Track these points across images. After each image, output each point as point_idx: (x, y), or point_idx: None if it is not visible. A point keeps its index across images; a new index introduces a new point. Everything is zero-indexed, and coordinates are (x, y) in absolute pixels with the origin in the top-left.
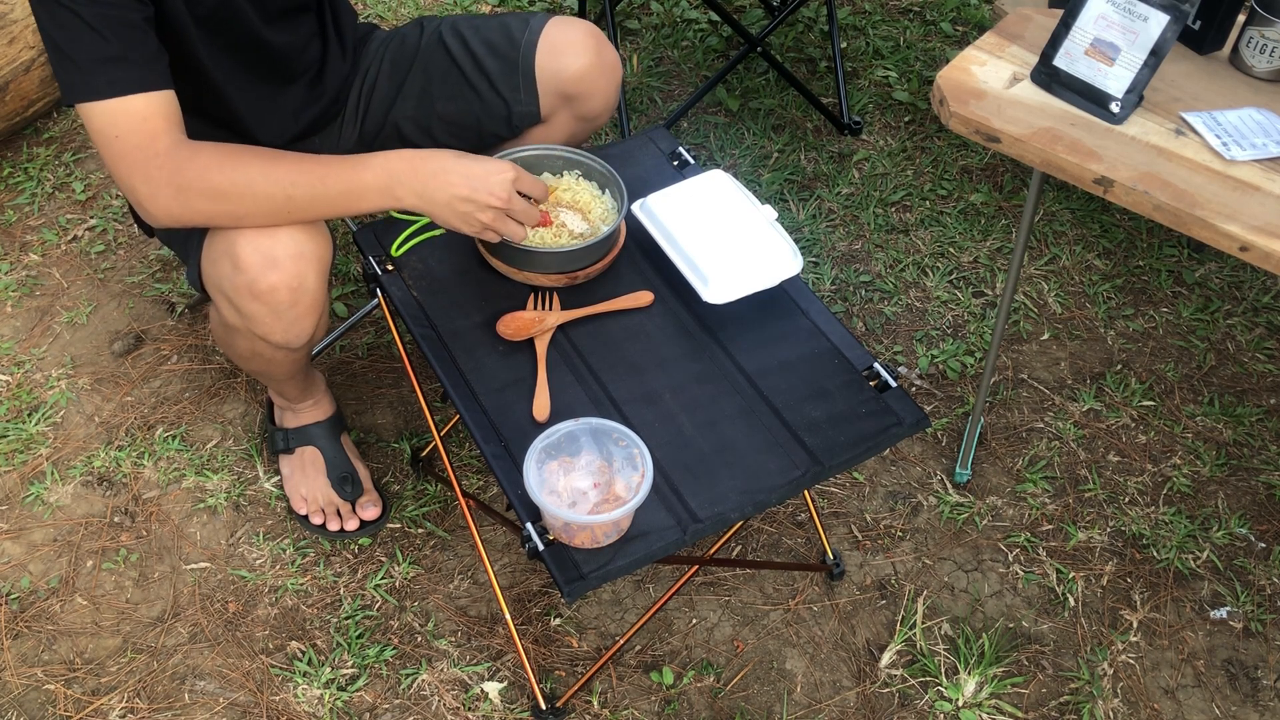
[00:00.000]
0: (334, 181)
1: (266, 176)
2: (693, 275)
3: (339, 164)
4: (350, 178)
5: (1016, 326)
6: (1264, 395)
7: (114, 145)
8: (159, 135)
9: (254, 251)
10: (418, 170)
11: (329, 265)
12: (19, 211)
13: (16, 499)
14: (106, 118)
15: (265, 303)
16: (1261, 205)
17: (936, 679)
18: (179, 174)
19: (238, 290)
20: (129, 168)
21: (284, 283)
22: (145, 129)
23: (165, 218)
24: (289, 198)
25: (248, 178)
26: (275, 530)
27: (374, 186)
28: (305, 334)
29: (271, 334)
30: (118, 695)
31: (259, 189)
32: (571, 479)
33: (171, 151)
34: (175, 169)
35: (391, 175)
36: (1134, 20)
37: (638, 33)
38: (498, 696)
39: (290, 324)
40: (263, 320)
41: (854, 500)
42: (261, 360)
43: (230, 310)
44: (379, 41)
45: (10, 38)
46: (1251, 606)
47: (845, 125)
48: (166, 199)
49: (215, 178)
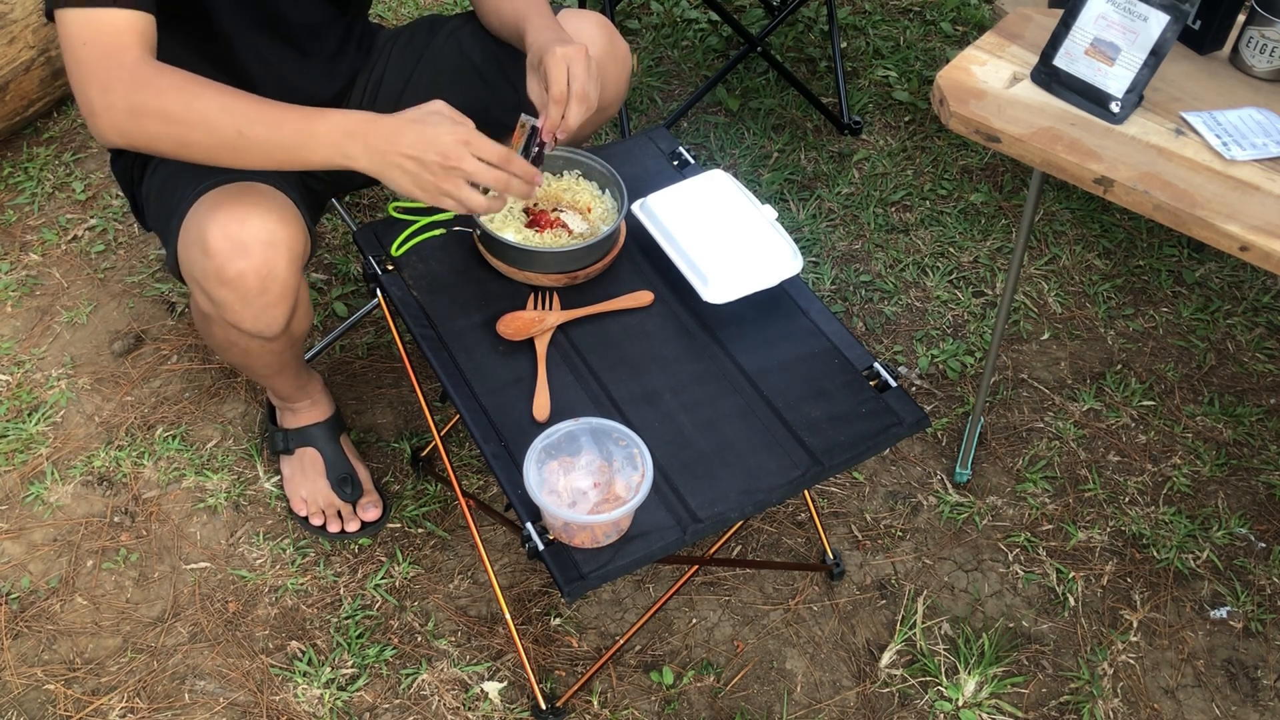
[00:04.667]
0: (289, 129)
1: (223, 109)
2: (693, 275)
3: (297, 112)
4: (305, 126)
5: (1016, 326)
6: (1264, 395)
7: (80, 51)
8: (127, 49)
9: (223, 238)
10: (372, 129)
11: (302, 255)
12: (19, 211)
13: (16, 499)
14: (80, 25)
15: (234, 289)
16: (1261, 205)
17: (936, 679)
18: (137, 90)
19: (207, 276)
20: (88, 75)
21: (252, 269)
22: (116, 41)
23: (114, 133)
24: (240, 134)
25: (203, 106)
26: (275, 530)
27: (326, 140)
28: (276, 323)
29: (241, 321)
30: (118, 695)
31: (212, 120)
32: (571, 479)
33: (135, 66)
34: (135, 84)
35: (346, 131)
36: (1134, 20)
37: (638, 32)
38: (498, 696)
39: (259, 311)
40: (232, 307)
41: (854, 500)
42: (239, 350)
43: (203, 297)
44: (385, 39)
45: (10, 37)
46: (1251, 606)
47: (845, 125)
48: (119, 114)
49: (171, 100)
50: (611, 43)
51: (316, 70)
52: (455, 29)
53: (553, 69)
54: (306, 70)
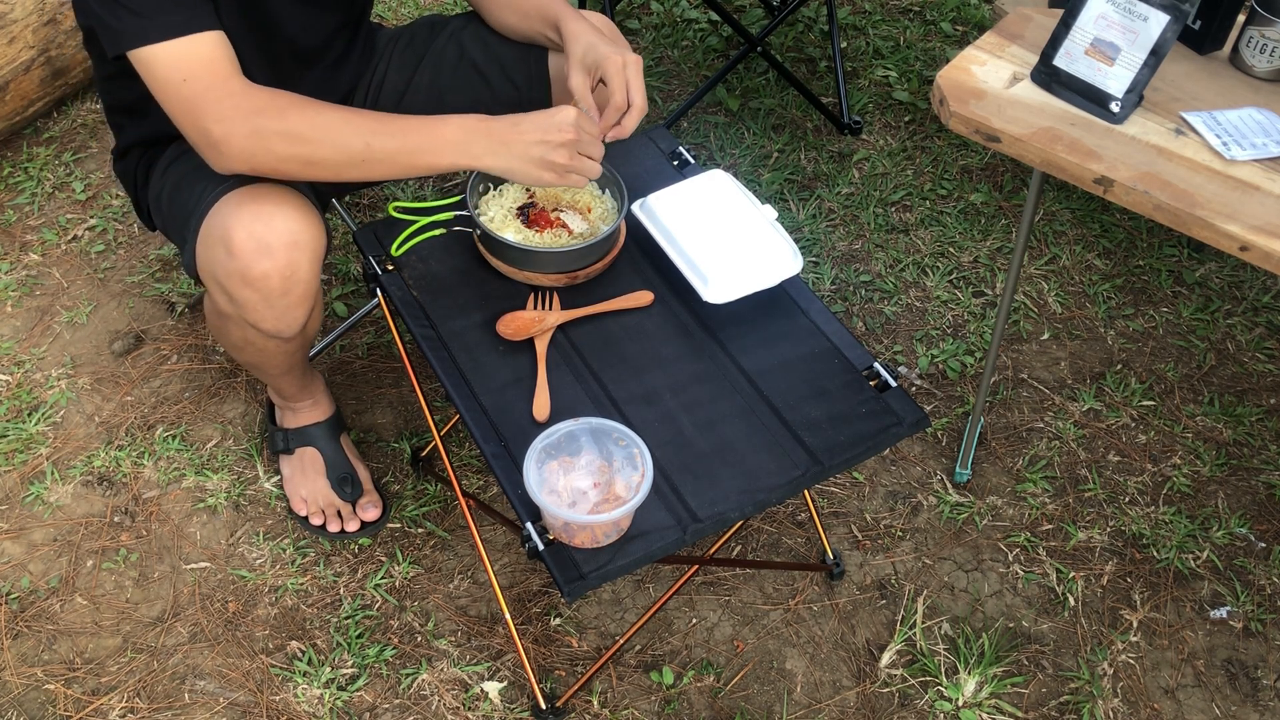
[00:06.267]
0: (414, 136)
1: (348, 123)
2: (693, 275)
3: (416, 120)
4: (429, 132)
5: (1016, 326)
6: (1264, 395)
7: (183, 89)
8: (230, 76)
9: (248, 238)
10: (491, 127)
11: (323, 255)
12: (19, 211)
13: (16, 499)
14: (171, 62)
15: (257, 290)
16: (1261, 205)
17: (936, 679)
18: (257, 114)
19: (230, 276)
20: (202, 109)
21: (276, 270)
22: (215, 69)
23: (239, 162)
24: (368, 145)
25: (328, 122)
26: (275, 530)
27: (451, 142)
28: (296, 323)
29: (262, 322)
30: (118, 695)
31: (339, 135)
32: (571, 479)
33: (246, 91)
34: (252, 109)
35: (468, 131)
36: (1134, 20)
37: (638, 33)
38: (498, 696)
39: (282, 313)
40: (254, 308)
41: (854, 500)
42: (254, 350)
43: (223, 297)
44: (386, 39)
45: (10, 37)
46: (1251, 606)
47: (845, 125)
48: (241, 138)
49: (294, 121)
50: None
51: (322, 79)
52: (456, 29)
53: (614, 77)
54: (313, 81)
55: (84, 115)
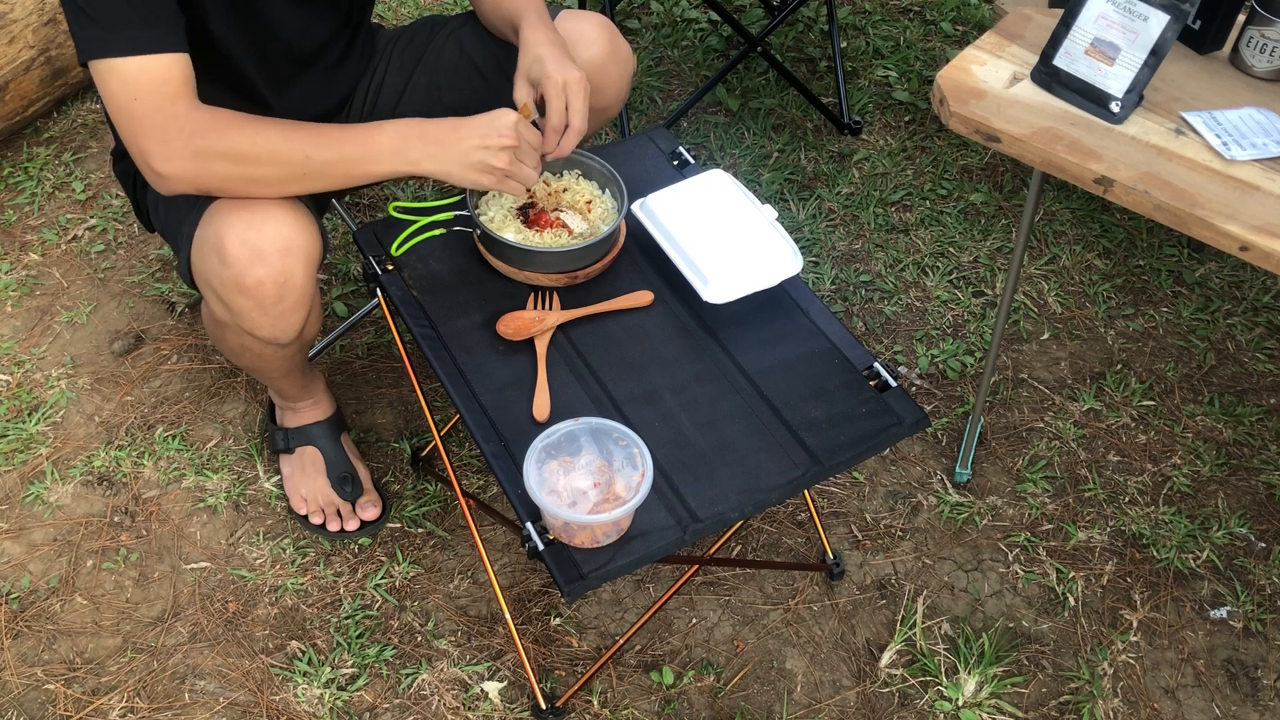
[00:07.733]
0: (351, 146)
1: (286, 140)
2: (693, 275)
3: (353, 129)
4: (365, 141)
5: (1016, 326)
6: (1264, 395)
7: (132, 107)
8: (178, 98)
9: (241, 245)
10: (428, 131)
11: (317, 260)
12: (19, 211)
13: (16, 499)
14: (124, 79)
15: (251, 297)
16: (1261, 205)
17: (936, 679)
18: (198, 136)
19: (224, 284)
20: (146, 130)
21: (270, 277)
22: (165, 91)
23: (179, 180)
24: (307, 158)
25: (267, 139)
26: (275, 530)
27: (388, 149)
28: (292, 329)
29: (258, 329)
30: (118, 695)
31: (279, 151)
32: (571, 479)
33: (190, 114)
34: (194, 131)
35: (404, 137)
36: (1134, 20)
37: (638, 32)
38: (498, 696)
39: (276, 319)
40: (249, 315)
41: (854, 500)
42: (251, 355)
43: (218, 304)
44: (385, 39)
45: (10, 37)
46: (1251, 606)
47: (845, 125)
48: (182, 161)
49: (235, 139)
50: (613, 44)
51: (319, 81)
52: (456, 29)
53: (553, 98)
54: (312, 83)
55: (84, 115)
